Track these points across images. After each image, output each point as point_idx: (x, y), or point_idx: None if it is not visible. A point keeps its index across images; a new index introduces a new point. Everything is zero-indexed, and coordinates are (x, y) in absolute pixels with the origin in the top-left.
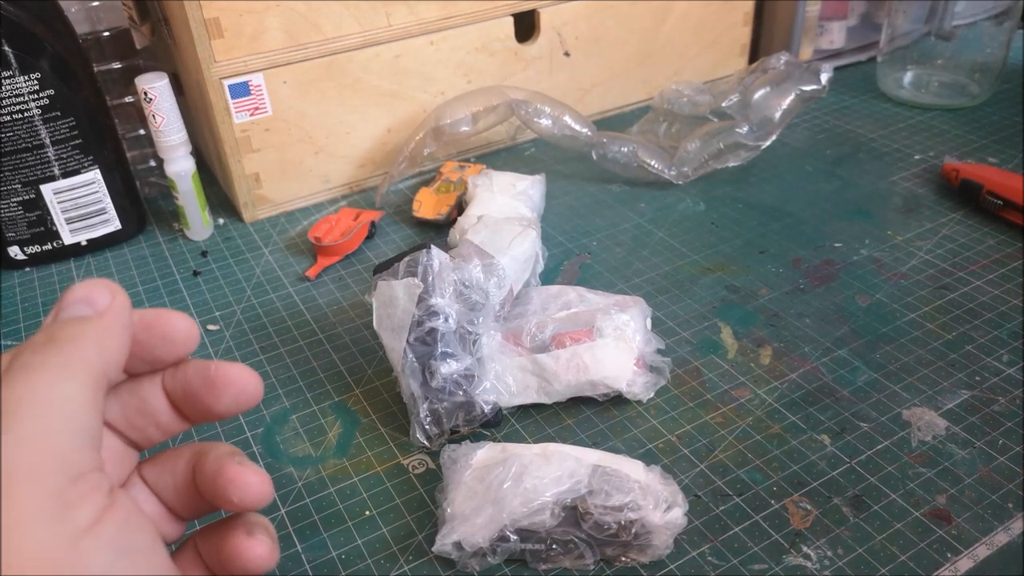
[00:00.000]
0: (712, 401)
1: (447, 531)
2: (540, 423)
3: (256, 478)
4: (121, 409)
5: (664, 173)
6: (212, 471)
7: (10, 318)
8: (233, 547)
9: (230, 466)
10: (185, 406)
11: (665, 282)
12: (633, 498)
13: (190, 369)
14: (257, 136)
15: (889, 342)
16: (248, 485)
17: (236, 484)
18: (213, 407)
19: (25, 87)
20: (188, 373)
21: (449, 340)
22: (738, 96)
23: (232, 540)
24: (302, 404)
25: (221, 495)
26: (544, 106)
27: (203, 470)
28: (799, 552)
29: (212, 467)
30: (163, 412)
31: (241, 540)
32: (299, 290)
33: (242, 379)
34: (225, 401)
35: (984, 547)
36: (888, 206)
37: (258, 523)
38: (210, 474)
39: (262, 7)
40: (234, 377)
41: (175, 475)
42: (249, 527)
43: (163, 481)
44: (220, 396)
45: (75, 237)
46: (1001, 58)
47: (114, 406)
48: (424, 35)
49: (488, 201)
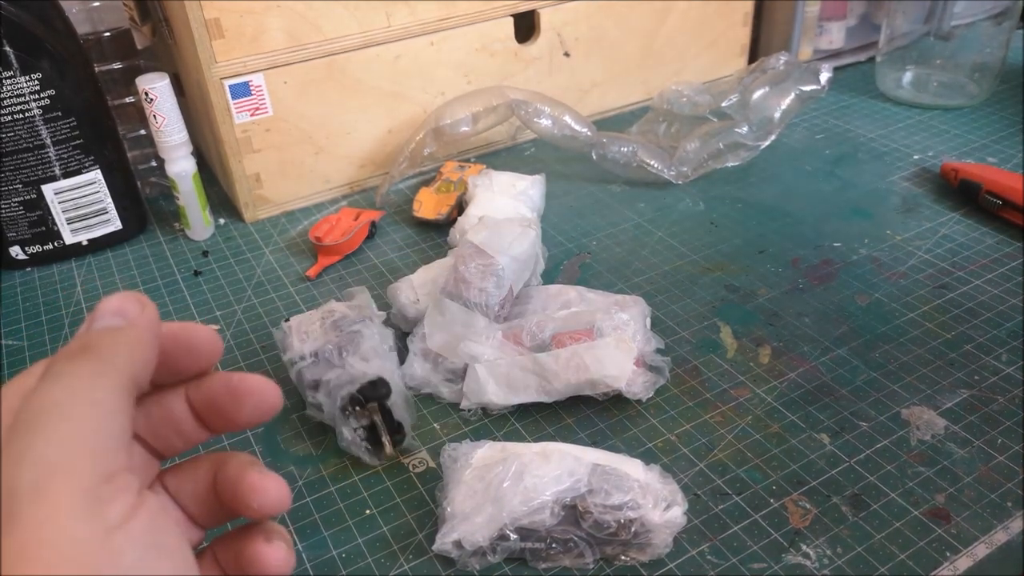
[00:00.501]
0: (711, 400)
1: (447, 530)
2: (540, 422)
3: (275, 485)
4: (146, 419)
5: (664, 173)
6: (234, 478)
7: (11, 318)
8: (253, 553)
9: (251, 474)
10: (208, 416)
11: (665, 282)
12: (633, 497)
13: (214, 380)
14: (258, 136)
15: (888, 341)
16: (268, 491)
17: (257, 491)
18: (236, 417)
19: (26, 87)
20: (212, 384)
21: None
22: (738, 96)
23: (252, 546)
24: (302, 403)
25: (242, 501)
26: (544, 106)
27: (225, 478)
28: (798, 551)
29: (234, 475)
30: (186, 422)
31: (261, 546)
32: (300, 290)
33: (264, 390)
34: (247, 411)
35: (983, 546)
36: (887, 206)
37: (275, 530)
38: (232, 481)
39: (263, 8)
40: (257, 388)
41: (196, 483)
42: (268, 534)
43: (184, 489)
44: (243, 406)
45: (76, 237)
46: (1000, 58)
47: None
48: (424, 36)
49: (488, 201)
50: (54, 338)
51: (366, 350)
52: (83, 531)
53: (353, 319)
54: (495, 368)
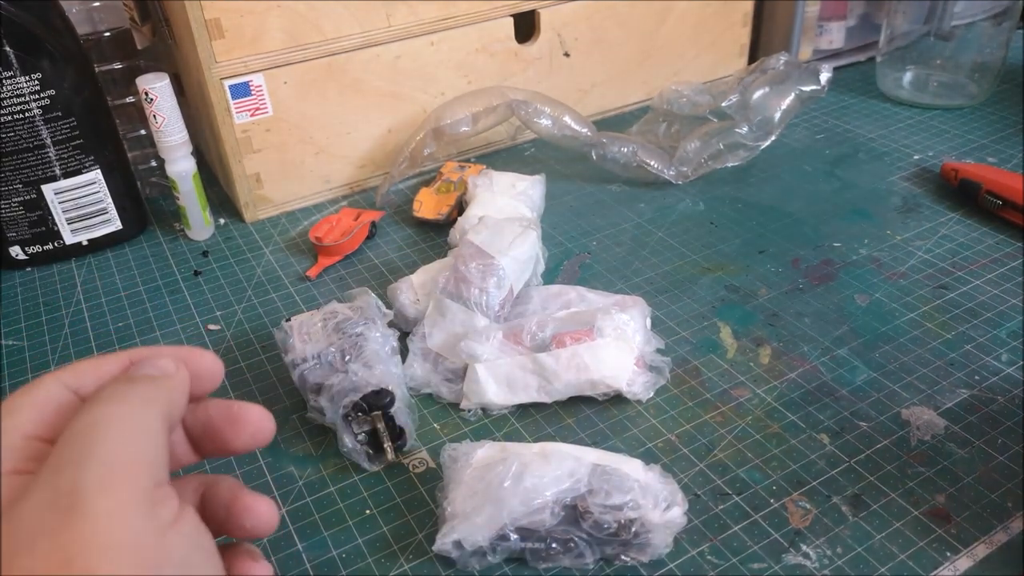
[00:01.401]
0: (711, 400)
1: (447, 530)
2: (540, 422)
3: (267, 507)
4: None
5: (664, 173)
6: (227, 499)
7: (11, 318)
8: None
9: (245, 495)
10: (203, 440)
11: (665, 282)
12: (633, 497)
13: (211, 406)
14: (258, 136)
15: (888, 341)
16: (261, 513)
17: (251, 511)
18: (231, 443)
19: (26, 87)
20: (210, 410)
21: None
22: (737, 96)
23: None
24: (302, 403)
25: (235, 521)
26: (544, 106)
27: (216, 498)
28: (798, 551)
29: (227, 495)
30: (179, 444)
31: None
32: (300, 290)
33: (260, 419)
34: (243, 438)
35: (983, 546)
36: (887, 206)
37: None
38: (224, 501)
39: (263, 8)
40: (254, 417)
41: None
42: (253, 554)
43: None
44: (240, 433)
45: (76, 237)
46: (1000, 58)
47: None
48: (424, 36)
49: (488, 201)
50: (54, 338)
51: (369, 355)
52: (143, 527)
53: (356, 321)
54: (495, 368)
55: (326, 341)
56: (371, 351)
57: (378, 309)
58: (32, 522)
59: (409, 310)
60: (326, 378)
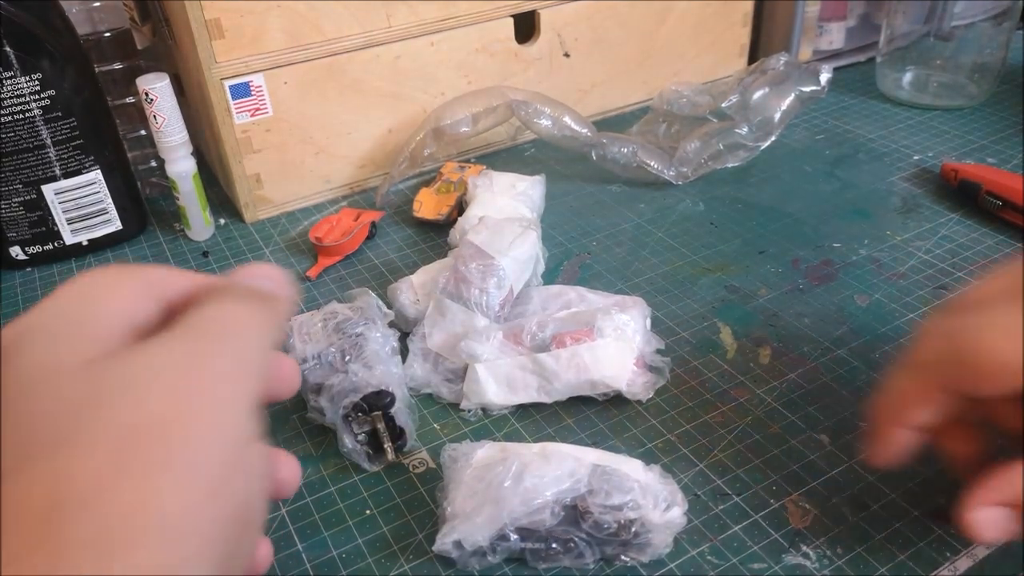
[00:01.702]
0: (711, 401)
1: (447, 530)
2: (540, 422)
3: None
4: None
5: (664, 173)
6: None
7: (11, 318)
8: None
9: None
10: None
11: (665, 282)
12: (633, 497)
13: None
14: (258, 137)
15: (888, 342)
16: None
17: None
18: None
19: (26, 87)
20: None
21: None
22: (737, 97)
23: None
24: (302, 404)
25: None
26: (544, 107)
27: None
28: (798, 551)
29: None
30: None
31: (283, 459)
32: (300, 290)
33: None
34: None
35: (983, 546)
36: (887, 206)
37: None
38: None
39: (263, 8)
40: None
41: None
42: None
43: None
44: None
45: (76, 237)
46: (1000, 58)
47: None
48: (424, 36)
49: (488, 202)
50: None
51: (369, 355)
52: (244, 424)
53: (356, 322)
54: (495, 368)
55: (326, 341)
56: (371, 351)
57: (378, 309)
58: (180, 350)
59: (409, 310)
60: (326, 378)
